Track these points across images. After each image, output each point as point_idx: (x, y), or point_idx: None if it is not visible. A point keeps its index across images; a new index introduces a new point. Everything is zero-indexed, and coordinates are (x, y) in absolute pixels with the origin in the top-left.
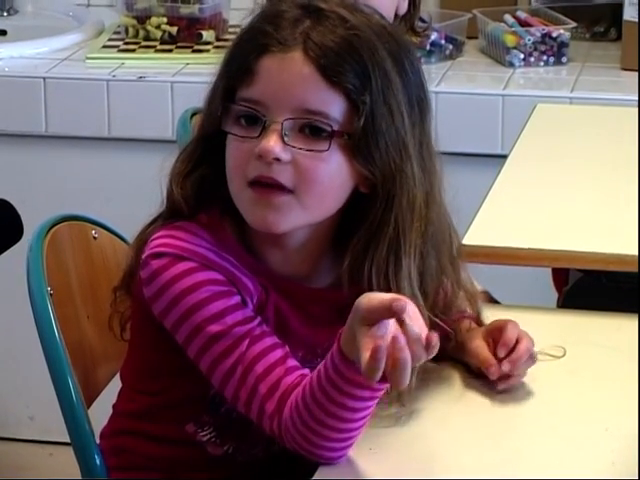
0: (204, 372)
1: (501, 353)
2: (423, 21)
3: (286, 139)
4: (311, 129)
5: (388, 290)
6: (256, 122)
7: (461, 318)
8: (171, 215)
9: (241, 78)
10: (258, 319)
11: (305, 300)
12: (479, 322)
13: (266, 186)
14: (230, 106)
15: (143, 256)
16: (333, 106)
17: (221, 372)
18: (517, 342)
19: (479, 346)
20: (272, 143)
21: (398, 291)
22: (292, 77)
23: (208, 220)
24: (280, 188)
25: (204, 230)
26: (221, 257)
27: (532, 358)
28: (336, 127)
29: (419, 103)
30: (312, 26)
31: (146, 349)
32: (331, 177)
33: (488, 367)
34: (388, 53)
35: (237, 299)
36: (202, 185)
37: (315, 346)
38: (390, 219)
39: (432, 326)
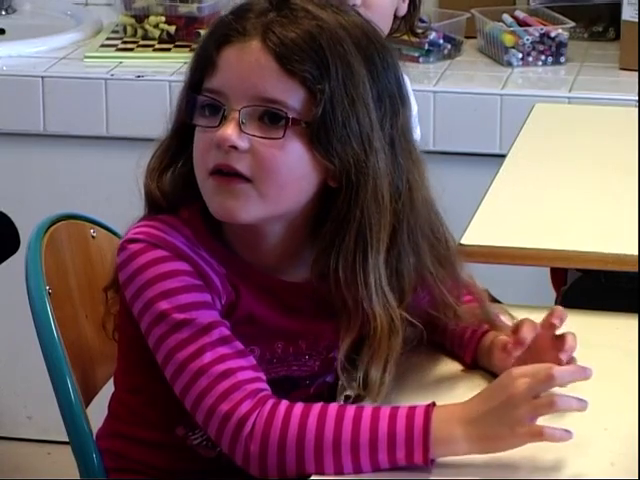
0: (159, 363)
1: (564, 357)
2: (422, 21)
3: (243, 127)
4: (269, 117)
5: (355, 284)
6: (217, 112)
7: (481, 334)
8: (152, 211)
9: (205, 69)
10: (225, 323)
11: (284, 293)
12: (490, 323)
13: (226, 175)
14: (195, 97)
15: (120, 241)
16: (291, 94)
17: (175, 363)
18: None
19: (500, 359)
20: (229, 131)
21: (365, 285)
22: (249, 65)
23: (188, 215)
24: (239, 177)
25: (183, 225)
26: (194, 252)
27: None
28: (293, 115)
29: (391, 98)
30: (275, 18)
31: (127, 346)
32: (290, 167)
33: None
34: (355, 47)
35: (207, 297)
36: (180, 181)
37: (297, 337)
38: (355, 212)
39: (407, 323)
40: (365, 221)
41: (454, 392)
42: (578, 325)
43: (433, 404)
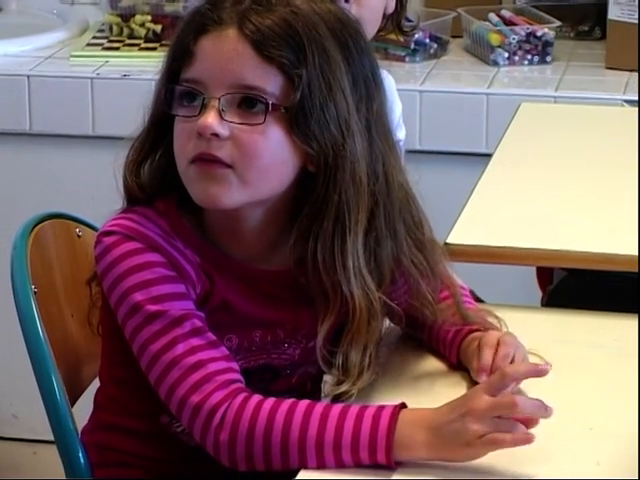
0: (135, 354)
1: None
2: (409, 20)
3: (223, 114)
4: (248, 104)
5: (333, 267)
6: (197, 101)
7: (464, 335)
8: (130, 203)
9: (183, 60)
10: (198, 314)
11: (261, 282)
12: (465, 320)
13: (207, 161)
14: (174, 88)
15: (96, 234)
16: (269, 81)
17: (149, 355)
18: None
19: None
20: (210, 119)
21: (344, 268)
22: (227, 54)
23: (165, 207)
24: (220, 162)
25: (159, 216)
26: (168, 243)
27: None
28: (273, 101)
29: (366, 82)
30: (250, 6)
31: (109, 338)
32: (271, 152)
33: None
34: (330, 32)
35: (181, 288)
36: (158, 172)
37: (275, 326)
38: (333, 196)
39: (386, 308)
40: (343, 204)
41: (434, 389)
42: (563, 324)
43: (402, 405)
